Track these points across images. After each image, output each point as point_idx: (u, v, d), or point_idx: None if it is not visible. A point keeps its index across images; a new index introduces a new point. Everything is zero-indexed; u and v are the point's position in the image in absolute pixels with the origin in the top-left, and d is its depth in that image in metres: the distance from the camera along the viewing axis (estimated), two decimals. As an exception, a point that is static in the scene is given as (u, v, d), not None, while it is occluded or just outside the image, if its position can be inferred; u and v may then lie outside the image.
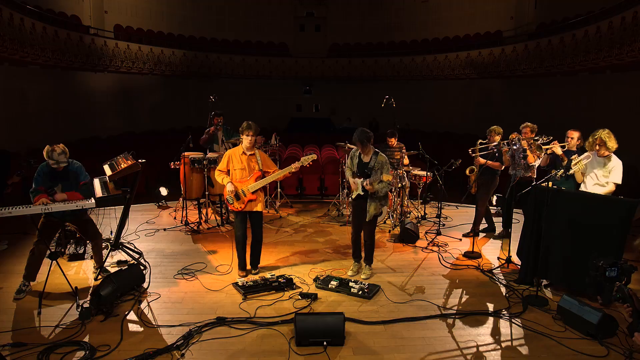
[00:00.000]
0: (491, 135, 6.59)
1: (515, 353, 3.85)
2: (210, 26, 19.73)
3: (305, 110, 21.71)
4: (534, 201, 4.99)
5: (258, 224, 5.22)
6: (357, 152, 5.15)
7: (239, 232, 5.20)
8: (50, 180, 4.64)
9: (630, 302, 2.81)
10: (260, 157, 5.17)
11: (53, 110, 12.83)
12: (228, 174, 5.12)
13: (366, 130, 4.98)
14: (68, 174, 4.74)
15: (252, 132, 5.02)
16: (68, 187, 4.70)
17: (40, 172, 4.64)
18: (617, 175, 4.84)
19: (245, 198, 5.03)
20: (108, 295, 4.33)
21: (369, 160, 5.01)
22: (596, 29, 10.86)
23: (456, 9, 18.36)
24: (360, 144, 4.96)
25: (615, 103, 11.11)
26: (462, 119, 17.61)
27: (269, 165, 5.22)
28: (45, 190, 4.57)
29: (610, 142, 4.83)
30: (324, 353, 3.74)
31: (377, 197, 4.99)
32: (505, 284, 5.16)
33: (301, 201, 9.13)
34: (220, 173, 5.13)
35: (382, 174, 4.84)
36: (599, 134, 4.88)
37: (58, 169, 4.64)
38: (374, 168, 4.93)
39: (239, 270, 5.32)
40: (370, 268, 5.36)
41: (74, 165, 4.83)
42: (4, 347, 3.68)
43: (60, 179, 4.69)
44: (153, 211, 8.18)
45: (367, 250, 5.30)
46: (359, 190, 5.04)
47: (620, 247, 4.42)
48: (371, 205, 5.00)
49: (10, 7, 10.28)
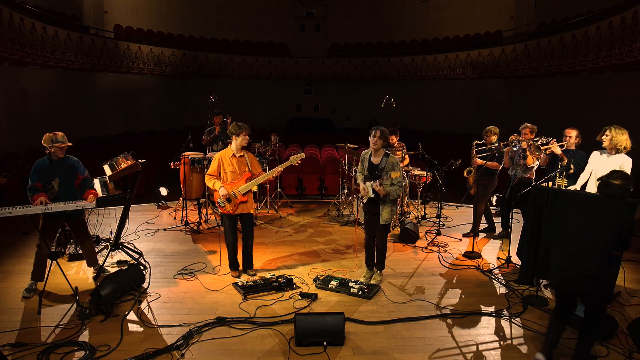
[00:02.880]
0: (487, 136, 6.59)
1: (515, 353, 3.85)
2: (210, 26, 19.72)
3: (305, 110, 21.71)
4: (534, 201, 4.99)
5: (249, 225, 5.24)
6: (367, 154, 5.01)
7: (230, 237, 5.19)
8: (47, 175, 4.59)
9: None
10: (249, 159, 5.19)
11: (53, 111, 12.82)
12: (218, 177, 5.11)
13: (384, 128, 4.93)
14: (65, 167, 4.70)
15: (248, 131, 5.08)
16: (65, 181, 4.65)
17: (36, 168, 4.58)
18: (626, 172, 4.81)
19: (236, 200, 5.02)
20: (108, 295, 4.34)
21: (379, 161, 4.88)
22: (596, 29, 10.85)
23: (456, 9, 18.35)
24: (384, 141, 4.85)
25: (615, 103, 11.11)
26: (462, 119, 17.61)
27: (256, 167, 5.25)
28: (43, 187, 4.53)
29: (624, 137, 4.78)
30: (324, 353, 3.75)
31: (389, 201, 4.86)
32: (505, 284, 5.17)
33: (301, 201, 9.14)
34: (211, 177, 5.08)
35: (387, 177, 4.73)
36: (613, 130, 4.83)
37: (58, 157, 4.58)
38: (384, 169, 4.80)
39: (232, 271, 5.32)
40: (381, 274, 5.25)
41: (71, 159, 4.78)
42: (4, 347, 3.68)
43: (57, 173, 4.63)
44: (153, 211, 8.18)
45: (379, 256, 5.19)
46: (370, 193, 4.86)
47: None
48: (384, 209, 4.86)
49: (10, 7, 10.27)
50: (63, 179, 4.65)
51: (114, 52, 14.91)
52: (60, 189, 4.64)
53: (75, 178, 4.74)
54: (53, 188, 4.59)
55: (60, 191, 4.63)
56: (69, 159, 4.77)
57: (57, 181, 4.61)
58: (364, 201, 5.03)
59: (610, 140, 4.81)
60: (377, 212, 4.91)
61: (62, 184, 4.64)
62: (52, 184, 4.59)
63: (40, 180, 4.55)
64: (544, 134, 5.87)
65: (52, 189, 4.59)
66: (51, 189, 4.59)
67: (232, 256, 5.30)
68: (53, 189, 4.60)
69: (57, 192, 4.62)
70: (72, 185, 4.72)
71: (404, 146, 7.35)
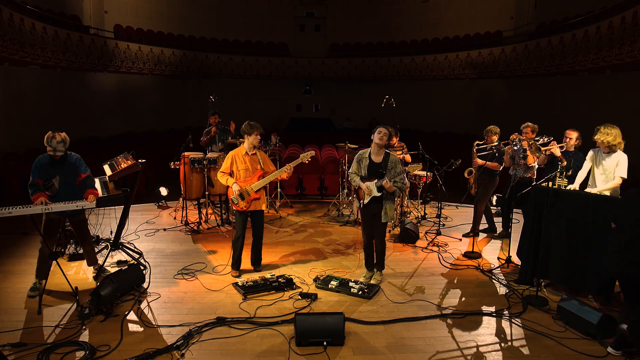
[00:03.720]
0: (488, 136, 6.58)
1: (516, 353, 3.85)
2: (210, 26, 19.71)
3: (305, 110, 21.70)
4: (534, 201, 4.99)
5: (260, 222, 5.34)
6: (367, 153, 5.00)
7: (240, 233, 5.25)
8: (48, 172, 4.57)
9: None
10: (261, 157, 5.29)
11: (53, 110, 12.82)
12: (231, 175, 5.21)
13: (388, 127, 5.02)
14: (66, 165, 4.66)
15: (260, 131, 5.20)
16: (65, 179, 4.63)
17: (37, 164, 4.56)
18: (622, 170, 4.81)
19: (249, 197, 5.12)
20: (108, 295, 4.34)
21: (381, 160, 4.88)
22: (596, 29, 10.85)
23: (456, 9, 18.35)
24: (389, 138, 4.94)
25: (615, 103, 11.11)
26: (462, 119, 17.60)
27: (268, 165, 5.36)
28: (43, 184, 4.51)
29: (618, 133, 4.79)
30: (324, 353, 3.74)
31: (391, 198, 4.90)
32: (505, 284, 5.16)
33: (301, 201, 9.14)
34: (224, 174, 5.21)
35: (396, 173, 4.80)
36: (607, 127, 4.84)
37: (55, 158, 4.55)
38: (387, 167, 4.83)
39: (232, 270, 5.33)
40: (381, 274, 5.25)
41: (72, 157, 4.74)
42: (4, 347, 3.68)
43: (58, 171, 4.61)
44: (153, 211, 8.18)
45: (379, 256, 5.18)
46: (374, 192, 4.82)
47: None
48: (386, 206, 4.88)
49: (10, 7, 10.28)
50: (63, 177, 4.63)
51: (114, 52, 14.92)
52: (61, 187, 4.62)
53: (76, 176, 4.70)
54: (53, 186, 4.58)
55: (60, 189, 4.61)
56: (70, 156, 4.73)
57: (58, 179, 4.60)
58: (365, 202, 4.92)
59: (601, 141, 4.83)
60: (378, 212, 4.90)
61: (63, 181, 4.62)
62: (53, 181, 4.57)
63: (41, 177, 4.53)
64: (544, 133, 5.87)
65: (52, 186, 4.57)
66: (51, 187, 4.57)
67: (237, 254, 5.30)
68: (53, 187, 4.58)
69: (58, 190, 4.60)
70: (73, 184, 4.68)
71: (404, 146, 7.35)
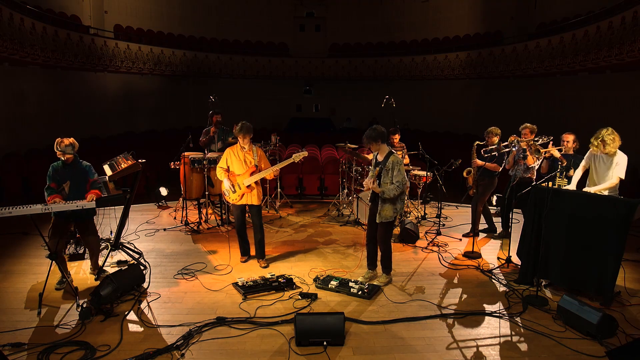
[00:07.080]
0: (489, 137, 6.57)
1: (515, 353, 3.85)
2: (210, 26, 19.72)
3: (305, 110, 21.71)
4: (534, 201, 4.99)
5: (257, 215, 5.56)
6: (376, 153, 5.03)
7: (239, 222, 5.62)
8: (60, 176, 4.85)
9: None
10: (258, 154, 5.55)
11: (53, 110, 12.82)
12: (228, 170, 5.47)
13: (375, 128, 4.86)
14: (77, 170, 4.92)
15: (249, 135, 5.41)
16: (76, 184, 4.87)
17: (51, 169, 4.87)
18: (621, 170, 4.81)
19: (240, 191, 5.41)
20: (108, 295, 4.34)
21: (382, 159, 4.92)
22: (596, 29, 10.85)
23: (456, 9, 18.35)
24: (372, 141, 4.83)
25: (615, 103, 11.11)
26: (462, 119, 17.61)
27: (262, 163, 5.59)
28: (57, 188, 4.80)
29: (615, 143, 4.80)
30: (324, 353, 3.74)
31: (389, 200, 4.81)
32: (505, 284, 5.16)
33: (301, 201, 9.13)
34: (221, 169, 5.48)
35: (392, 176, 4.76)
36: (602, 135, 4.84)
37: (67, 162, 4.84)
38: (385, 168, 4.83)
39: (241, 256, 5.71)
40: (387, 276, 5.14)
41: (83, 164, 5.02)
42: (4, 347, 3.68)
43: (69, 175, 4.86)
44: (153, 211, 8.18)
45: (382, 258, 5.10)
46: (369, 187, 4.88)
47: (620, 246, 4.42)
48: (383, 207, 4.83)
49: (10, 7, 10.27)
50: (74, 182, 4.88)
51: (114, 52, 14.92)
52: (71, 192, 4.85)
53: (86, 182, 4.94)
54: (64, 191, 4.83)
55: (70, 193, 4.85)
56: (81, 163, 5.01)
57: (68, 184, 4.85)
58: (368, 198, 5.14)
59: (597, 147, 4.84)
60: (377, 210, 4.92)
61: (73, 186, 4.86)
62: (63, 186, 4.83)
63: (54, 181, 4.83)
64: (544, 134, 5.87)
65: (62, 191, 4.83)
66: (62, 192, 4.82)
67: (240, 242, 5.75)
68: (64, 192, 4.83)
69: (68, 195, 4.83)
70: (83, 189, 4.89)
71: (404, 146, 7.35)
